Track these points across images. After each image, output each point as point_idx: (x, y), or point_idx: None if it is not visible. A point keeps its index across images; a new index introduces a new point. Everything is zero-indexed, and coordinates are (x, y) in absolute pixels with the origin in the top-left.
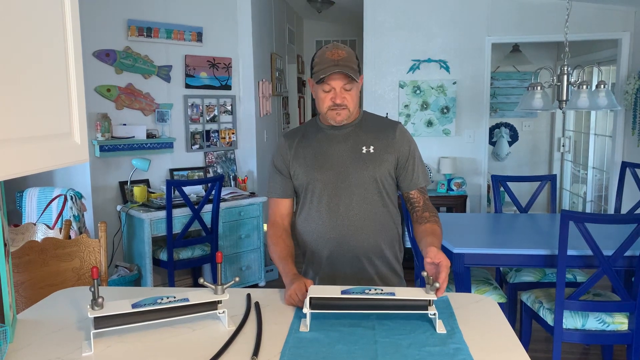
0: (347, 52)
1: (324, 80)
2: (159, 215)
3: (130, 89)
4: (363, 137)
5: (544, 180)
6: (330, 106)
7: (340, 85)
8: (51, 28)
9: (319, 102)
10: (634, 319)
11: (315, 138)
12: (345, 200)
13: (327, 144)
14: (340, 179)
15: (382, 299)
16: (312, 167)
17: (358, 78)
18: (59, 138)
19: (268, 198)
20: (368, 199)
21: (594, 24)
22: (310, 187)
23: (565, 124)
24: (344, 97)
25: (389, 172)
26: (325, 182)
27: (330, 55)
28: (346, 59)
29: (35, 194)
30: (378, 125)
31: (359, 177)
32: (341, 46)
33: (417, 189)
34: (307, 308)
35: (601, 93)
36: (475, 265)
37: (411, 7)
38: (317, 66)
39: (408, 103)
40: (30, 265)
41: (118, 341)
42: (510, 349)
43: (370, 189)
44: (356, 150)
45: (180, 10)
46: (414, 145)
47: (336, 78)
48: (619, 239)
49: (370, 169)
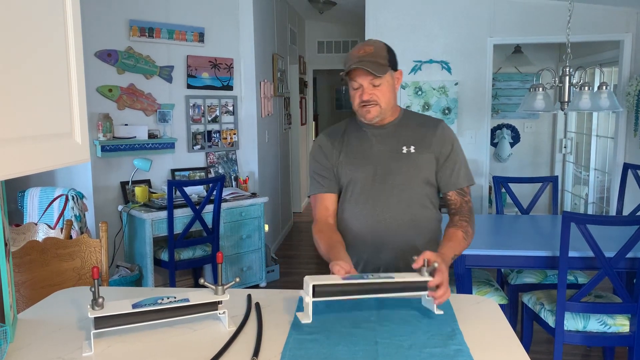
0: (376, 47)
1: (349, 77)
2: (160, 216)
3: (132, 89)
4: (403, 136)
5: (545, 182)
6: (360, 103)
7: (366, 82)
8: (52, 27)
9: (351, 99)
10: (635, 320)
11: (356, 137)
12: (384, 201)
13: (367, 143)
14: (378, 179)
15: (383, 282)
16: (351, 166)
17: (383, 73)
18: (59, 138)
19: (310, 197)
20: (406, 200)
21: (596, 25)
22: (349, 187)
23: (567, 125)
24: (373, 93)
25: (429, 172)
26: (364, 182)
27: (356, 51)
28: (372, 54)
29: (37, 194)
30: (419, 123)
31: (398, 178)
32: (372, 41)
33: (456, 190)
34: (309, 297)
35: (603, 94)
36: (477, 267)
37: (413, 8)
38: (345, 64)
39: (410, 104)
40: (31, 265)
41: (118, 341)
42: (511, 351)
43: (409, 190)
44: (396, 150)
45: (182, 11)
46: (457, 145)
47: (360, 74)
48: (620, 240)
49: (410, 169)
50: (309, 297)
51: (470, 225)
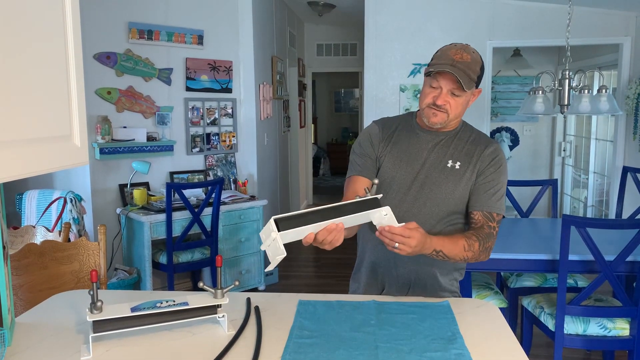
0: (473, 58)
1: (433, 75)
2: (158, 218)
3: (130, 92)
4: (452, 150)
5: (545, 185)
6: (430, 104)
7: (448, 87)
8: (52, 30)
9: (422, 95)
10: (635, 324)
11: (407, 137)
12: (414, 210)
13: (416, 147)
14: (416, 186)
15: (339, 205)
16: (394, 164)
17: (469, 88)
18: (58, 140)
19: (346, 179)
20: (437, 215)
21: (595, 28)
22: (385, 185)
23: (566, 128)
24: (447, 101)
25: (466, 190)
26: (401, 184)
27: (452, 54)
28: (467, 65)
29: (35, 196)
30: (473, 140)
31: (435, 191)
32: (471, 50)
33: (483, 211)
34: (275, 232)
35: (603, 98)
36: (476, 270)
37: (412, 11)
38: (435, 59)
39: (409, 107)
40: (29, 268)
41: (117, 345)
42: (512, 355)
43: (442, 206)
44: (441, 162)
45: (182, 13)
46: (503, 170)
47: (447, 78)
48: (620, 244)
49: (450, 185)
50: (275, 232)
51: (480, 244)
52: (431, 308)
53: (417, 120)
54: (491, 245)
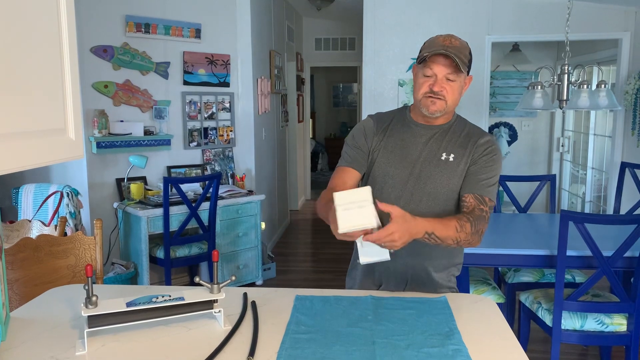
0: (461, 43)
1: (427, 61)
2: (156, 213)
3: (127, 86)
4: (446, 143)
5: (543, 180)
6: (427, 92)
7: (443, 73)
8: (46, 22)
9: (416, 87)
10: (632, 320)
11: (401, 131)
12: (412, 205)
13: (410, 141)
14: (411, 182)
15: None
16: (388, 160)
17: (464, 69)
18: (53, 134)
19: (336, 168)
20: (434, 209)
21: (594, 23)
22: (380, 181)
23: (564, 123)
24: (444, 87)
25: (460, 181)
26: (396, 180)
27: (442, 40)
28: (458, 49)
29: (32, 191)
30: (466, 133)
31: (430, 184)
32: (457, 37)
33: (474, 194)
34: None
35: (601, 93)
36: (474, 265)
37: (411, 5)
38: (424, 49)
39: (407, 102)
40: (25, 263)
41: (112, 340)
42: (509, 350)
43: (438, 200)
44: (435, 156)
45: (179, 7)
46: (497, 159)
47: (440, 64)
48: (618, 239)
49: (445, 178)
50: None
51: (472, 225)
52: (428, 303)
53: (411, 114)
54: (483, 228)
